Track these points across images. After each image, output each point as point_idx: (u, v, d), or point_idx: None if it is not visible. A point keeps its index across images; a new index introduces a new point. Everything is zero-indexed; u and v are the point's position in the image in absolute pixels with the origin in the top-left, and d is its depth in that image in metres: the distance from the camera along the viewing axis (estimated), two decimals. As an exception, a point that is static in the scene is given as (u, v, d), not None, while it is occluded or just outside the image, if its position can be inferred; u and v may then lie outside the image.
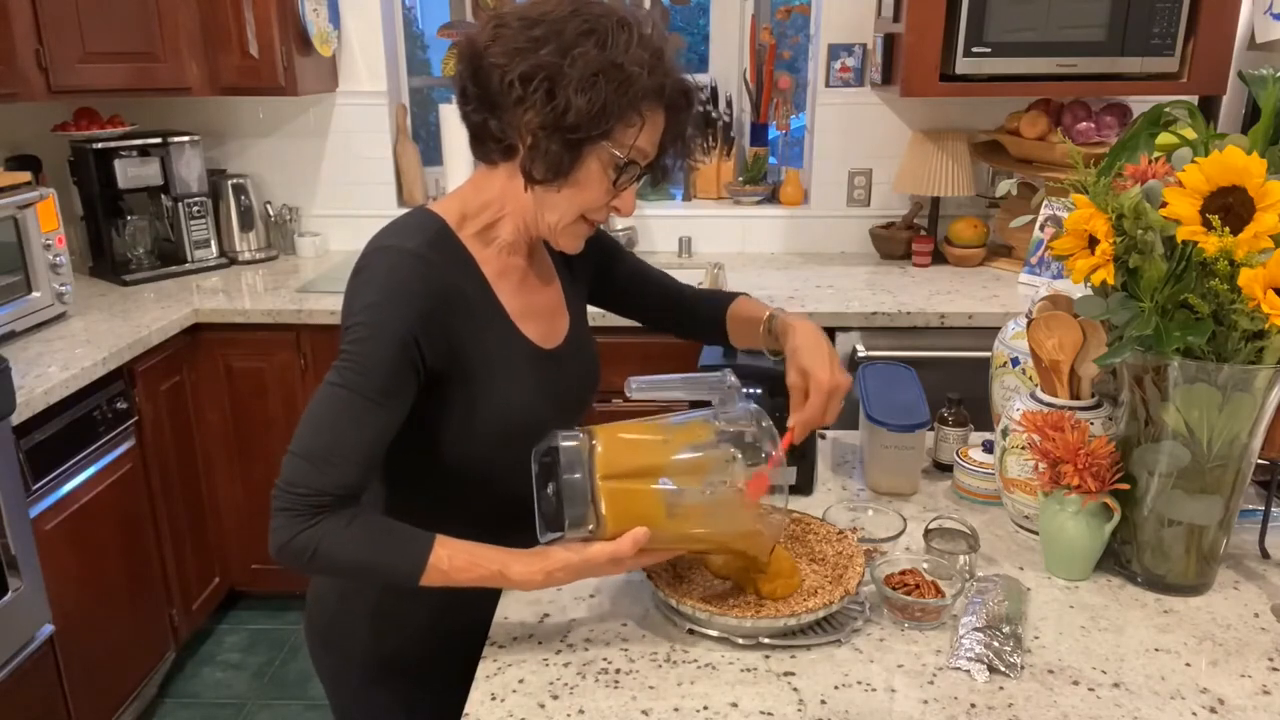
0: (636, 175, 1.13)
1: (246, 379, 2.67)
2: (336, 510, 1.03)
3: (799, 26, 3.29)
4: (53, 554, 2.05)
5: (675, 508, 1.06)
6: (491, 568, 1.05)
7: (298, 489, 1.02)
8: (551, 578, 1.06)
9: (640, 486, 1.05)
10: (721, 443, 1.08)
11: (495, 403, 1.15)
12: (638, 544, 1.03)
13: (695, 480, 1.07)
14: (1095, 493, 1.18)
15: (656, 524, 1.05)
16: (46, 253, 2.41)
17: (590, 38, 1.03)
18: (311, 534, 1.02)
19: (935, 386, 1.64)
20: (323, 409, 1.05)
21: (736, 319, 1.42)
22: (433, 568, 1.04)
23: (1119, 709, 1.01)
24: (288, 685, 2.67)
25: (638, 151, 1.10)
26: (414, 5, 3.47)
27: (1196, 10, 2.53)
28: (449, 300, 1.10)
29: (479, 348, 1.13)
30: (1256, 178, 1.02)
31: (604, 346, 1.40)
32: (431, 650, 1.26)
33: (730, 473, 1.07)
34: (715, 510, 1.08)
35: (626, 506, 1.04)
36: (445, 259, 1.12)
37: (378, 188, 3.21)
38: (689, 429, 1.11)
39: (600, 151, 1.08)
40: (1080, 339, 1.30)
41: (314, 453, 1.03)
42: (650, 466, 1.05)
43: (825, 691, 1.04)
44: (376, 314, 1.05)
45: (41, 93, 2.53)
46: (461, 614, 1.22)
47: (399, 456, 1.15)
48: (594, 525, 1.04)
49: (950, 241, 2.99)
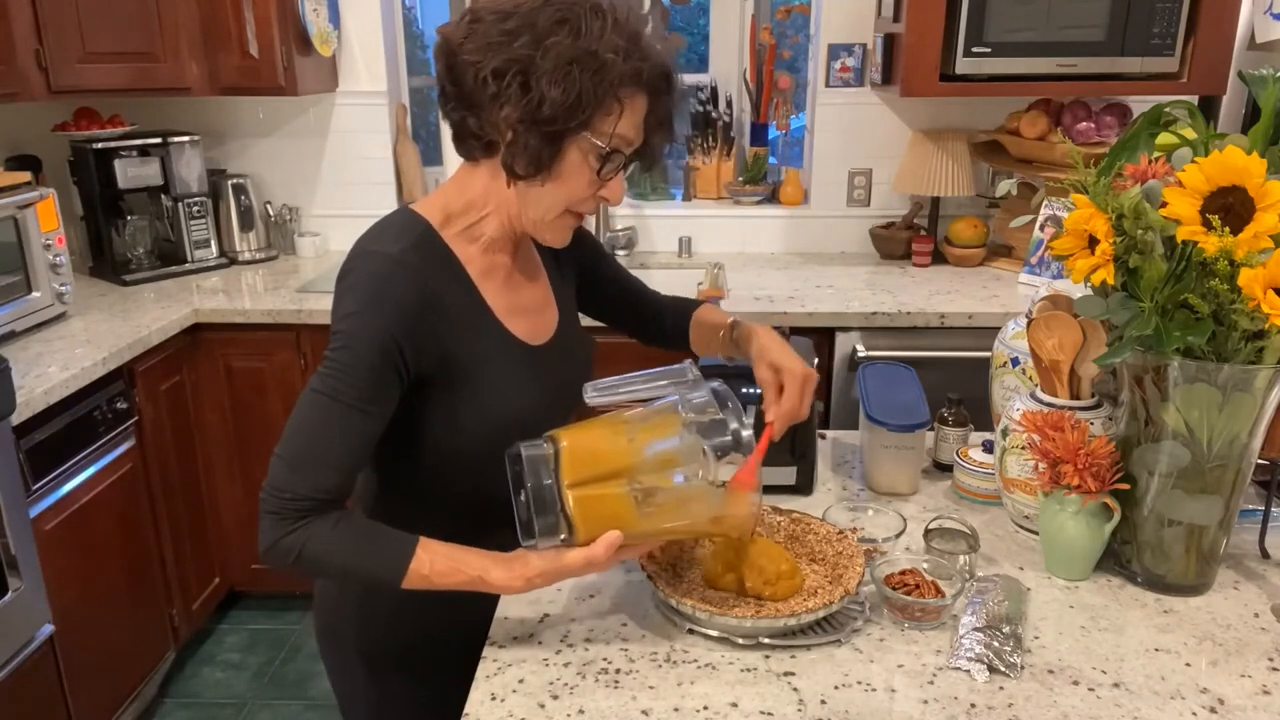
0: (622, 164, 1.12)
1: (246, 379, 2.67)
2: (321, 513, 1.05)
3: (799, 26, 3.29)
4: (53, 554, 2.05)
5: (647, 506, 1.05)
6: (472, 573, 1.06)
7: (283, 493, 1.04)
8: (531, 583, 1.06)
9: (609, 490, 1.04)
10: (689, 433, 1.06)
11: (485, 401, 1.15)
12: (611, 548, 1.03)
13: (665, 476, 1.06)
14: (1095, 493, 1.18)
15: (628, 524, 1.05)
16: (46, 253, 2.41)
17: (564, 27, 1.02)
18: (296, 536, 1.04)
19: (935, 386, 1.64)
20: (306, 415, 1.05)
21: (700, 326, 1.43)
22: (414, 572, 1.05)
23: (1119, 709, 1.01)
24: (288, 685, 2.67)
25: (619, 139, 1.08)
26: (414, 5, 3.47)
27: (1196, 10, 2.52)
28: (432, 304, 1.10)
29: (466, 348, 1.13)
30: (1256, 178, 1.02)
31: (603, 346, 1.40)
32: (431, 641, 1.27)
33: (701, 463, 1.05)
34: (688, 501, 1.07)
35: (596, 512, 1.04)
36: (428, 261, 1.12)
37: (378, 188, 3.21)
38: (655, 424, 1.09)
39: (581, 142, 1.07)
40: (1080, 339, 1.30)
41: (297, 458, 1.04)
42: (618, 468, 1.04)
43: (825, 691, 1.04)
44: (358, 322, 1.06)
45: (41, 93, 2.53)
46: (461, 607, 1.21)
47: (390, 456, 1.16)
48: (565, 534, 1.04)
49: (950, 241, 2.99)
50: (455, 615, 1.22)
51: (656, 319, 1.48)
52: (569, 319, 1.32)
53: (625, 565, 1.29)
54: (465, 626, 1.22)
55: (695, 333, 1.44)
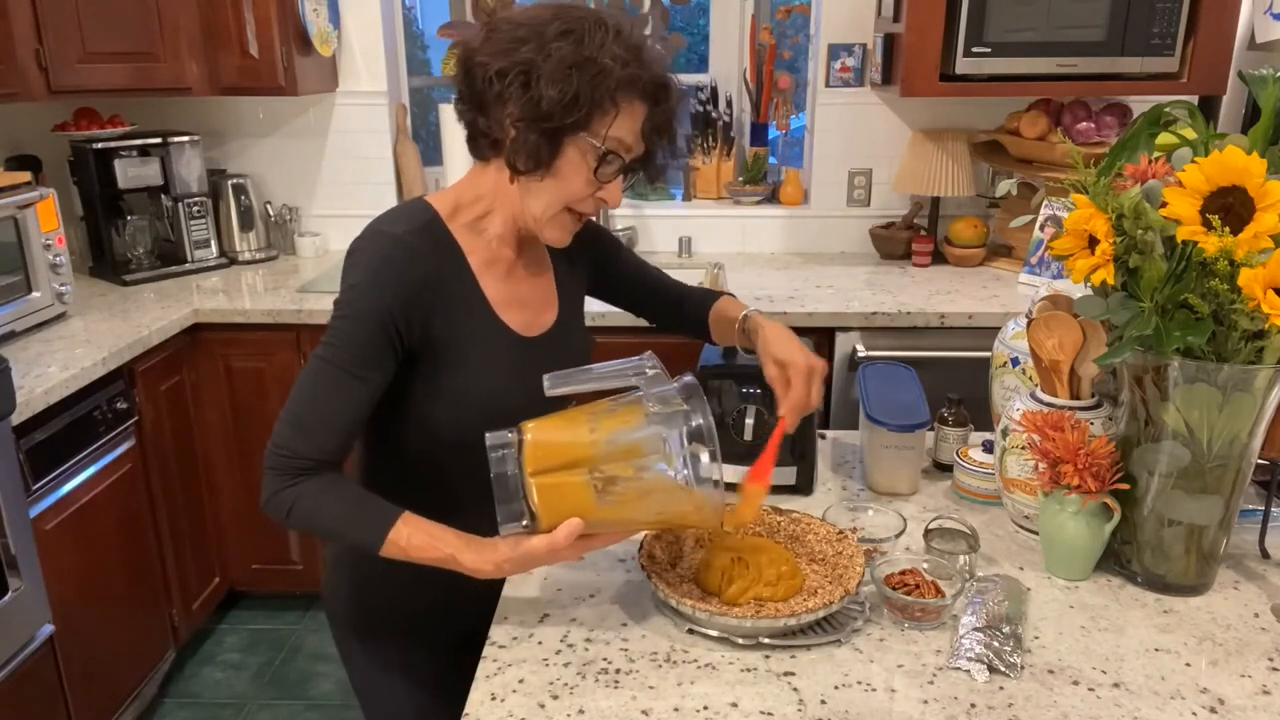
0: (621, 169, 1.18)
1: (246, 379, 2.67)
2: (316, 473, 1.13)
3: (799, 26, 3.29)
4: (53, 554, 2.05)
5: (607, 495, 1.07)
6: (445, 550, 1.11)
7: (283, 451, 1.12)
8: (500, 568, 1.11)
9: (569, 479, 1.07)
10: (650, 424, 1.08)
11: (467, 383, 1.20)
12: (572, 535, 1.07)
13: (625, 466, 1.07)
14: (1095, 493, 1.18)
15: (590, 513, 1.08)
16: (46, 253, 2.41)
17: (568, 36, 1.10)
18: (290, 493, 1.12)
19: (935, 386, 1.64)
20: (308, 380, 1.14)
21: (718, 318, 1.48)
22: (391, 542, 1.12)
23: (1119, 709, 1.01)
24: (288, 685, 2.67)
25: (616, 142, 1.14)
26: (414, 5, 3.47)
27: (1196, 10, 2.52)
28: (429, 284, 1.17)
29: (455, 330, 1.20)
30: (1256, 178, 1.02)
31: (604, 346, 1.41)
32: (420, 612, 1.34)
33: (662, 453, 1.07)
34: (650, 492, 1.08)
35: (557, 500, 1.07)
36: (430, 245, 1.19)
37: (378, 188, 3.21)
38: (618, 414, 1.11)
39: (578, 142, 1.13)
40: (1080, 339, 1.30)
41: (298, 419, 1.13)
42: (579, 458, 1.07)
43: (825, 691, 1.04)
44: (359, 293, 1.14)
45: (41, 93, 2.53)
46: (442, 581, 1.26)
47: (375, 427, 1.23)
48: (529, 521, 1.07)
49: (950, 241, 2.99)
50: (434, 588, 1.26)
51: (676, 306, 1.53)
52: (569, 317, 1.35)
53: (625, 565, 1.29)
54: (449, 597, 1.28)
55: (714, 324, 1.49)
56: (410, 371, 1.19)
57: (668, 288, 1.53)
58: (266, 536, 2.80)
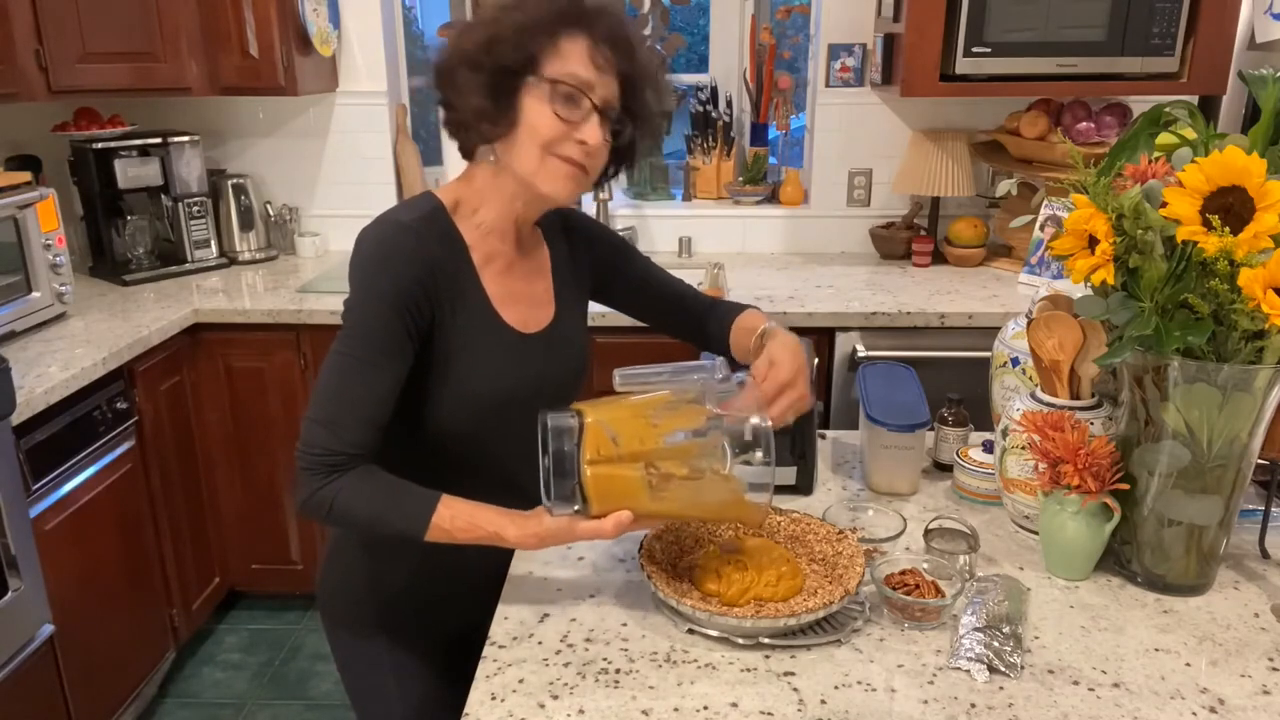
0: (594, 108, 1.15)
1: (246, 379, 2.67)
2: (349, 469, 1.13)
3: (799, 26, 3.29)
4: (53, 554, 2.05)
5: (660, 491, 1.09)
6: (489, 529, 1.13)
7: (313, 449, 1.12)
8: (543, 541, 1.13)
9: (624, 472, 1.08)
10: (712, 429, 1.10)
11: (461, 375, 1.21)
12: (620, 527, 1.08)
13: (681, 465, 1.09)
14: (1095, 493, 1.18)
15: (640, 506, 1.09)
16: (46, 253, 2.41)
17: (505, 7, 1.15)
18: (327, 491, 1.12)
19: (935, 386, 1.64)
20: (330, 376, 1.14)
21: (740, 330, 1.42)
22: (435, 526, 1.13)
23: (1119, 709, 1.01)
24: (288, 685, 2.67)
25: (568, 75, 1.14)
26: (414, 5, 3.47)
27: (1196, 10, 2.52)
28: (433, 270, 1.17)
29: (453, 320, 1.20)
30: (1256, 178, 1.02)
31: (603, 346, 1.41)
32: (414, 611, 1.35)
33: (719, 457, 1.09)
34: (701, 493, 1.11)
35: (609, 490, 1.08)
36: (434, 235, 1.20)
37: (378, 188, 3.20)
38: (681, 413, 1.12)
39: (530, 88, 1.14)
40: (1080, 339, 1.30)
41: (324, 416, 1.13)
42: (637, 452, 1.08)
43: (825, 691, 1.04)
44: (368, 281, 1.15)
45: (41, 93, 2.53)
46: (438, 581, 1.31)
47: None
48: (579, 505, 1.08)
49: (950, 241, 2.99)
50: (422, 586, 1.32)
51: (698, 321, 1.47)
52: (567, 316, 1.35)
53: (625, 565, 1.29)
54: (434, 596, 1.31)
55: (735, 336, 1.43)
56: (415, 360, 1.19)
57: (689, 299, 1.48)
58: (266, 537, 2.81)
